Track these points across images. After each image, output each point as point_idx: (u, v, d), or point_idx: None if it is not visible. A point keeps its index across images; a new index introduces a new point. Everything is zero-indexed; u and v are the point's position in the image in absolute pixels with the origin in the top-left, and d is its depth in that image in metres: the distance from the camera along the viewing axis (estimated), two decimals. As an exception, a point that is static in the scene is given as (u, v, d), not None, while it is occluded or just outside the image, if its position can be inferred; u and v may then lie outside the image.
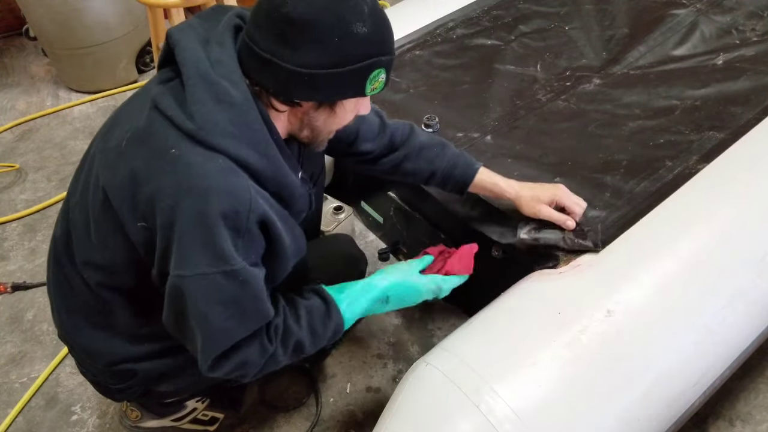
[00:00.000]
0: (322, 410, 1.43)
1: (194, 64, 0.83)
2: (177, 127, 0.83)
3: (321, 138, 0.96)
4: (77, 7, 2.29)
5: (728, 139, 1.31)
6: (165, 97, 0.85)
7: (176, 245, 0.83)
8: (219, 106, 0.82)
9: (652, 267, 1.06)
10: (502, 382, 0.92)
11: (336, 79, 0.84)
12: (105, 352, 1.05)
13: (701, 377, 1.04)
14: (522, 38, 1.70)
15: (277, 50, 0.81)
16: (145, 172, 0.84)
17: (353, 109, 0.94)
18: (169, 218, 0.82)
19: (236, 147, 0.83)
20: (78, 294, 1.02)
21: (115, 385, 1.11)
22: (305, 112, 0.90)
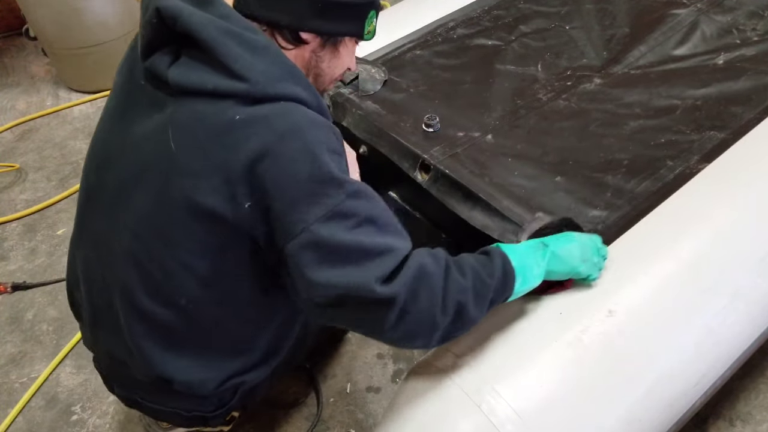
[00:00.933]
0: (322, 410, 1.42)
1: (211, 24, 0.79)
2: (226, 95, 0.79)
3: (324, 85, 0.98)
4: (77, 7, 2.29)
5: (729, 138, 1.31)
6: (191, 74, 0.80)
7: (295, 197, 0.79)
8: (257, 55, 0.80)
9: (653, 267, 1.06)
10: (504, 382, 0.92)
11: (343, 11, 0.89)
12: (213, 376, 0.98)
13: (702, 377, 1.04)
14: (522, 38, 1.70)
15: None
16: (221, 152, 0.79)
17: (350, 54, 0.97)
18: (277, 174, 0.78)
19: (290, 88, 0.82)
20: (175, 329, 0.94)
21: (214, 411, 1.06)
22: (312, 50, 0.91)
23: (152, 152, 0.85)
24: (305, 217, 0.78)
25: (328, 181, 0.79)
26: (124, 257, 0.91)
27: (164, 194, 0.84)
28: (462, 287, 0.85)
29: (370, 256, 0.80)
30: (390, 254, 0.81)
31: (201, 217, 0.82)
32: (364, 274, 0.79)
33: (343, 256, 0.79)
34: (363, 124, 1.46)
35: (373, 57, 1.66)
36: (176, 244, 0.86)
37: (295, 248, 0.80)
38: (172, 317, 0.92)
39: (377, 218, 0.83)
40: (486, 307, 0.88)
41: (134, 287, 0.91)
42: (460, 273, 0.86)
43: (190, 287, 0.89)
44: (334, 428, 1.41)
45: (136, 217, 0.88)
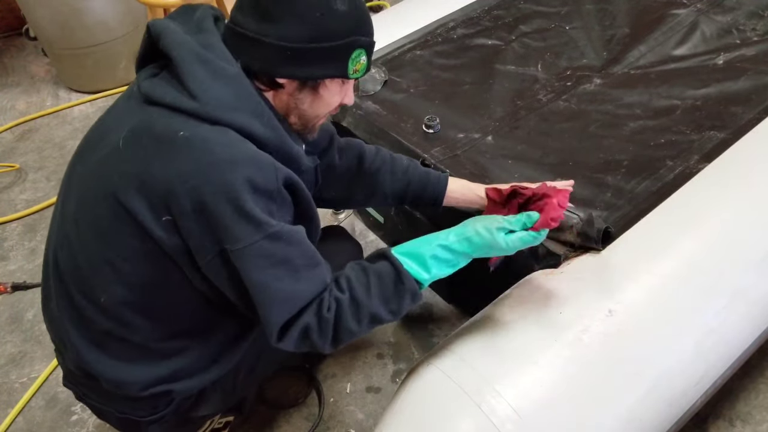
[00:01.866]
0: (323, 411, 1.42)
1: (186, 46, 0.83)
2: (178, 110, 0.82)
3: (310, 124, 0.96)
4: (77, 7, 2.29)
5: (729, 138, 1.31)
6: (158, 87, 0.85)
7: (212, 223, 0.81)
8: (218, 81, 0.82)
9: (653, 267, 1.06)
10: (504, 382, 0.92)
11: (317, 54, 0.85)
12: (137, 378, 0.97)
13: (702, 377, 1.04)
14: (522, 38, 1.70)
15: (259, 27, 0.84)
16: (158, 162, 0.82)
17: (338, 93, 0.93)
18: (198, 198, 0.80)
19: (242, 119, 0.83)
20: (97, 324, 0.94)
21: (146, 417, 1.04)
22: (290, 93, 0.90)
23: (108, 150, 0.88)
24: (221, 242, 0.82)
25: (247, 219, 0.81)
26: (65, 243, 0.94)
27: (103, 188, 0.87)
28: (353, 334, 0.90)
29: (270, 299, 0.84)
30: (285, 304, 0.85)
31: (126, 218, 0.85)
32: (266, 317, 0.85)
33: (249, 288, 0.84)
34: (363, 125, 1.46)
35: (373, 57, 1.66)
36: (104, 240, 0.88)
37: (212, 265, 0.85)
38: (94, 312, 0.93)
39: (289, 261, 0.85)
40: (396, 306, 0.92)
41: (67, 274, 0.94)
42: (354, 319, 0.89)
43: (112, 286, 0.90)
44: (334, 428, 1.41)
45: (81, 205, 0.92)
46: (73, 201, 0.93)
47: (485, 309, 1.08)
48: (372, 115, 1.48)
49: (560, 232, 1.12)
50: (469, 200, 1.20)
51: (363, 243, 1.74)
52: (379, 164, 1.19)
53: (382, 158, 1.19)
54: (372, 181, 1.19)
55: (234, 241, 0.81)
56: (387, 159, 1.20)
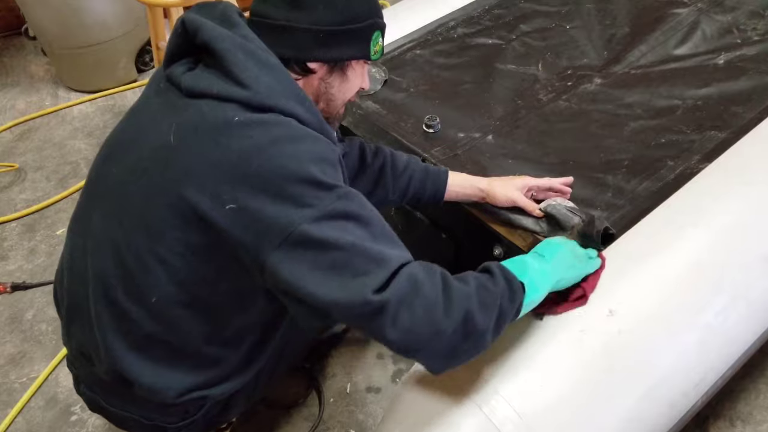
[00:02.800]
0: (323, 411, 1.42)
1: (229, 38, 0.85)
2: (228, 99, 0.83)
3: (337, 109, 1.00)
4: (77, 6, 2.29)
5: (730, 138, 1.30)
6: (202, 79, 0.85)
7: (282, 199, 0.78)
8: (264, 70, 0.85)
9: (653, 267, 1.06)
10: (504, 383, 0.92)
11: (346, 36, 0.91)
12: (175, 384, 0.95)
13: (703, 377, 1.04)
14: (523, 37, 1.70)
15: (291, 15, 0.88)
16: (217, 150, 0.81)
17: (361, 75, 0.99)
18: (265, 176, 0.78)
19: (290, 105, 0.85)
20: (142, 327, 0.91)
21: (176, 423, 1.02)
22: (321, 78, 0.94)
23: (154, 147, 0.86)
24: (293, 219, 0.77)
25: (316, 185, 0.79)
26: (106, 245, 0.91)
27: (155, 186, 0.85)
28: (464, 293, 0.81)
29: (362, 261, 0.78)
30: (383, 263, 0.79)
31: (184, 213, 0.82)
32: (359, 283, 0.76)
33: (336, 257, 0.77)
34: (363, 124, 1.46)
35: (373, 57, 1.66)
36: (157, 238, 0.86)
37: (282, 254, 0.78)
38: (141, 315, 0.90)
39: (370, 222, 0.82)
40: (495, 315, 0.83)
41: (110, 277, 0.91)
42: (461, 281, 0.84)
43: (164, 285, 0.87)
44: (334, 428, 1.40)
45: (125, 206, 0.89)
46: (113, 204, 0.91)
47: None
48: (372, 114, 1.48)
49: (561, 232, 1.12)
50: (469, 194, 1.20)
51: (363, 243, 1.74)
52: (380, 162, 1.19)
53: (383, 155, 1.20)
54: (373, 178, 1.19)
55: (306, 210, 0.77)
56: (387, 156, 1.21)
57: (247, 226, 0.79)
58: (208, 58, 0.86)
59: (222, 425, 1.17)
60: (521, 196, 1.16)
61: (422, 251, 1.54)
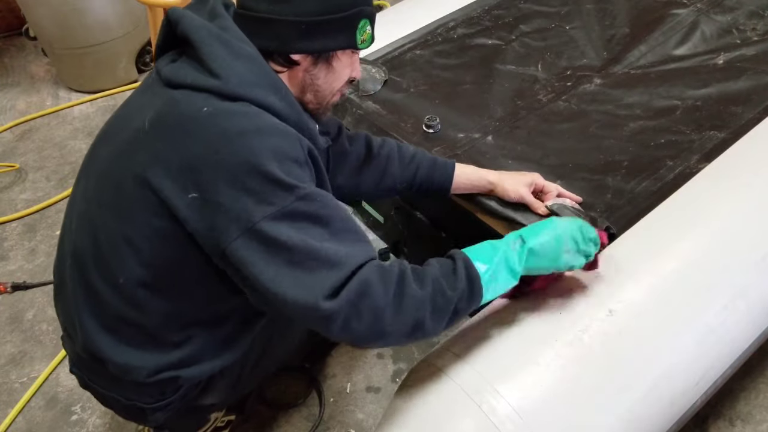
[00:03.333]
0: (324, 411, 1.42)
1: (204, 28, 0.87)
2: (201, 89, 0.84)
3: (326, 100, 0.98)
4: (77, 7, 2.29)
5: (729, 138, 1.31)
6: (179, 70, 0.87)
7: (242, 193, 0.79)
8: (238, 60, 0.85)
9: (653, 266, 1.06)
10: (504, 382, 0.92)
11: (330, 26, 0.89)
12: (145, 363, 0.97)
13: (703, 377, 1.04)
14: (523, 38, 1.70)
15: (273, 8, 0.88)
16: (184, 139, 0.83)
17: (348, 65, 0.97)
18: (227, 168, 0.79)
19: (263, 94, 0.85)
20: (112, 307, 0.94)
21: (152, 404, 1.03)
22: (305, 69, 0.93)
23: (131, 132, 0.89)
24: (251, 215, 0.79)
25: (277, 184, 0.80)
26: (85, 225, 0.95)
27: (127, 169, 0.88)
28: (418, 301, 0.83)
29: (316, 263, 0.80)
30: (337, 265, 0.80)
31: (149, 197, 0.85)
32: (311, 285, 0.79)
33: (292, 256, 0.79)
34: (363, 124, 1.46)
35: (373, 57, 1.66)
36: (126, 220, 0.89)
37: (240, 245, 0.80)
38: (111, 295, 0.93)
39: (330, 222, 0.83)
40: (447, 319, 0.86)
41: (85, 256, 0.94)
42: (418, 284, 0.85)
43: (130, 266, 0.90)
44: (334, 428, 1.41)
45: (103, 188, 0.92)
46: (94, 182, 0.94)
47: (485, 309, 1.08)
48: (372, 115, 1.48)
49: None
50: (477, 185, 1.21)
51: (363, 243, 1.74)
52: (387, 151, 1.20)
53: (390, 145, 1.22)
54: (381, 167, 1.20)
55: (266, 207, 0.79)
56: (394, 146, 1.22)
57: (207, 217, 0.82)
58: (188, 49, 0.88)
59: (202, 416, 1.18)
60: (529, 193, 1.17)
61: (422, 251, 1.55)
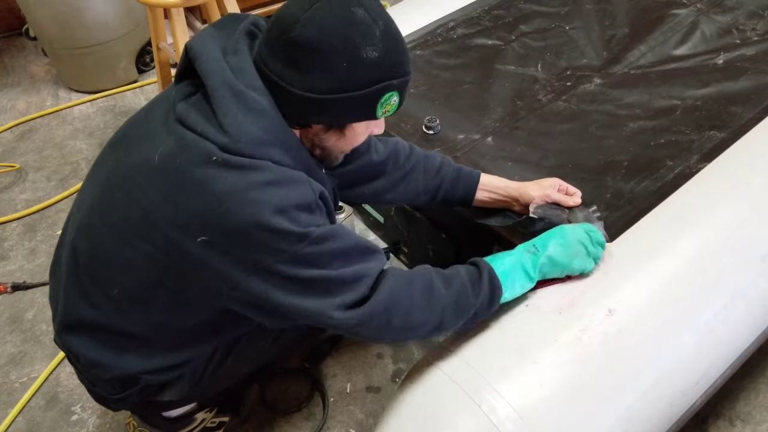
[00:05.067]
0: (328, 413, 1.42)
1: (219, 74, 0.82)
2: (211, 141, 0.82)
3: (333, 156, 0.97)
4: (77, 7, 2.29)
5: (729, 138, 1.31)
6: (191, 113, 0.84)
7: (252, 246, 0.81)
8: (249, 115, 0.81)
9: (653, 266, 1.06)
10: (504, 382, 0.92)
11: (345, 103, 0.83)
12: (114, 367, 1.01)
13: (702, 376, 1.04)
14: (523, 38, 1.70)
15: (285, 74, 0.82)
16: (190, 185, 0.82)
17: (365, 131, 0.94)
18: (237, 221, 0.80)
19: (270, 153, 0.83)
20: (97, 310, 0.97)
21: (113, 395, 1.07)
22: (315, 133, 0.90)
23: (142, 160, 0.88)
24: (263, 261, 0.82)
25: (288, 235, 0.81)
26: (85, 228, 0.96)
27: (135, 199, 0.88)
28: (443, 302, 0.92)
29: (337, 286, 0.86)
30: (358, 282, 0.87)
31: (156, 232, 0.86)
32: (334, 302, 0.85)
33: (310, 286, 0.85)
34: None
35: (373, 57, 1.66)
36: (128, 242, 0.89)
37: (252, 283, 0.84)
38: (100, 299, 0.95)
39: (345, 252, 0.87)
40: (465, 321, 0.95)
41: (81, 257, 0.96)
42: (445, 286, 0.92)
43: (126, 283, 0.92)
44: (334, 428, 1.41)
45: (107, 204, 0.93)
46: (100, 195, 0.95)
47: (485, 309, 1.08)
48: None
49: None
50: (499, 200, 1.21)
51: (363, 243, 1.74)
52: (413, 162, 1.20)
53: (416, 156, 1.21)
54: (406, 178, 1.20)
55: (277, 255, 0.82)
56: (420, 157, 1.21)
57: (217, 258, 0.84)
58: (204, 89, 0.85)
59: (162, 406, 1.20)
60: (555, 191, 1.16)
61: (422, 251, 1.55)
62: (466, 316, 0.94)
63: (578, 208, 1.15)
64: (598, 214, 1.14)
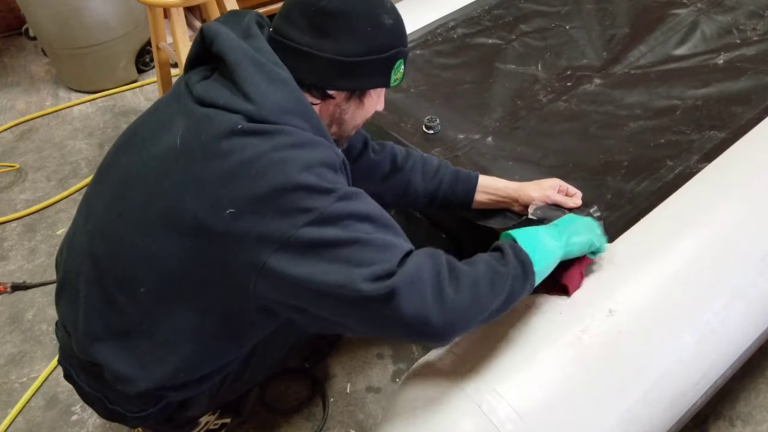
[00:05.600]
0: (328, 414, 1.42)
1: (241, 49, 0.85)
2: (235, 111, 0.83)
3: (347, 133, 1.00)
4: (77, 6, 2.29)
5: (729, 138, 1.31)
6: (212, 90, 0.86)
7: (281, 206, 0.79)
8: (273, 85, 0.84)
9: (653, 266, 1.06)
10: (504, 382, 0.92)
11: (369, 67, 0.90)
12: (139, 380, 0.95)
13: (703, 377, 1.04)
14: (523, 37, 1.70)
15: (314, 42, 0.87)
16: (218, 156, 0.81)
17: (376, 102, 1.00)
18: (264, 182, 0.79)
19: (294, 121, 0.85)
20: (122, 315, 0.94)
21: (134, 413, 1.04)
22: (337, 104, 0.94)
23: (162, 149, 0.88)
24: (292, 223, 0.79)
25: (315, 191, 0.80)
26: (103, 231, 0.94)
27: (158, 186, 0.87)
28: (472, 277, 0.84)
29: (368, 252, 0.80)
30: (389, 250, 0.81)
31: (182, 217, 0.84)
32: (364, 272, 0.78)
33: (339, 254, 0.79)
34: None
35: (373, 57, 1.66)
36: (152, 236, 0.87)
37: (282, 256, 0.79)
38: (126, 304, 0.92)
39: (373, 217, 0.84)
40: (505, 296, 0.86)
41: (103, 262, 0.93)
42: (468, 264, 0.87)
43: (152, 279, 0.89)
44: (334, 428, 1.41)
45: (127, 200, 0.91)
46: (113, 190, 0.94)
47: (485, 309, 1.08)
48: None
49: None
50: (498, 201, 1.21)
51: (363, 243, 1.73)
52: (411, 163, 1.21)
53: (414, 157, 1.22)
54: (405, 181, 1.20)
55: (306, 215, 0.79)
56: (419, 159, 1.22)
57: (247, 230, 0.80)
58: (223, 68, 0.87)
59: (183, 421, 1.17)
60: (555, 192, 1.16)
61: (422, 251, 1.55)
62: (503, 290, 0.86)
63: (578, 209, 1.15)
64: (599, 214, 1.14)
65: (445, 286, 0.82)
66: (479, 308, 0.84)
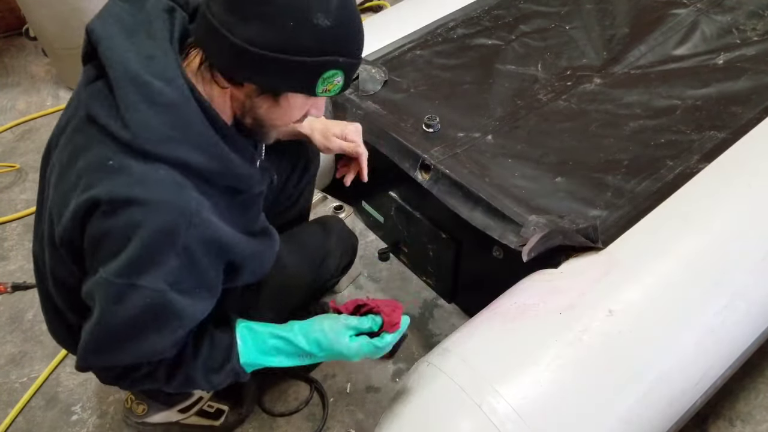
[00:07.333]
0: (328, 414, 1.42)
1: (122, 65, 0.77)
2: (112, 136, 0.77)
3: (265, 130, 0.89)
4: (77, 6, 2.29)
5: (729, 138, 1.31)
6: (95, 103, 0.80)
7: (102, 249, 0.81)
8: (153, 109, 0.76)
9: (653, 266, 1.06)
10: (504, 382, 0.92)
11: (282, 66, 0.77)
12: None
13: (702, 377, 1.04)
14: (523, 38, 1.70)
15: (226, 19, 0.75)
16: (82, 185, 0.80)
17: (301, 107, 0.87)
18: (103, 226, 0.79)
19: (177, 151, 0.77)
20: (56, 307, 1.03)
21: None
22: (247, 95, 0.83)
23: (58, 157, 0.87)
24: (98, 270, 0.82)
25: (132, 261, 0.79)
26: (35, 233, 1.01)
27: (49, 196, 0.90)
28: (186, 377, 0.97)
29: (96, 336, 0.87)
30: (105, 349, 0.90)
31: (53, 228, 0.88)
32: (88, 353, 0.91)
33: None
34: (363, 124, 1.46)
35: (373, 57, 1.66)
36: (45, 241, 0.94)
37: (93, 284, 0.84)
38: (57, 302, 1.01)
39: (134, 327, 0.85)
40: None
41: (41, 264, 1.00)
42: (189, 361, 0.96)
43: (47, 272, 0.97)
44: (334, 428, 1.41)
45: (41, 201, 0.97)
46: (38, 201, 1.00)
47: (485, 309, 1.08)
48: (372, 114, 1.48)
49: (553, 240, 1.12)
50: (294, 134, 1.20)
51: (363, 243, 1.74)
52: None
53: None
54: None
55: (109, 271, 0.80)
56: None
57: (80, 253, 0.86)
58: (108, 77, 0.80)
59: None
60: (336, 140, 1.19)
61: (422, 251, 1.55)
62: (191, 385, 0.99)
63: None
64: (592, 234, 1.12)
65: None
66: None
